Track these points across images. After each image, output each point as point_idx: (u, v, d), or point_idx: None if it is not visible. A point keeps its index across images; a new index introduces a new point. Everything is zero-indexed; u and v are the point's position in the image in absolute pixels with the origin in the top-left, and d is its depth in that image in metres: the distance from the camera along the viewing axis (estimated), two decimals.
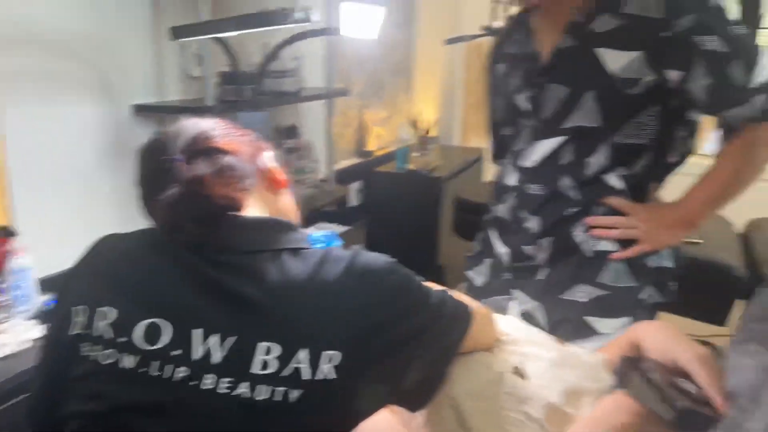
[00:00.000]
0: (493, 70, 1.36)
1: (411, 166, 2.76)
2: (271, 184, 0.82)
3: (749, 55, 1.03)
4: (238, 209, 0.73)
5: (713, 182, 1.12)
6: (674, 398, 0.72)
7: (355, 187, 2.79)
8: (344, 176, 2.69)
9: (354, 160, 2.88)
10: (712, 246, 1.97)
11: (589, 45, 1.12)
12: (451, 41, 3.11)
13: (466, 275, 1.40)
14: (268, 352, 0.64)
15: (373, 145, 2.99)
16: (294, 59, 2.03)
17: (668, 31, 1.04)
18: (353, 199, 2.78)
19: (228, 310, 0.66)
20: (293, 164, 2.20)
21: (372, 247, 0.73)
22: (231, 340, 0.65)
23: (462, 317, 0.79)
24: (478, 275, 1.37)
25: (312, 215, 2.19)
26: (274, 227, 0.74)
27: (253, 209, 0.76)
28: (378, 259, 0.71)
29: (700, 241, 1.94)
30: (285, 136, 2.21)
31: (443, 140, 3.63)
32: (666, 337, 0.81)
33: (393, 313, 0.69)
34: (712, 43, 1.02)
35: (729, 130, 1.10)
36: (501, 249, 1.30)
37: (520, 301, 1.25)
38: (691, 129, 1.18)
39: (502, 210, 1.29)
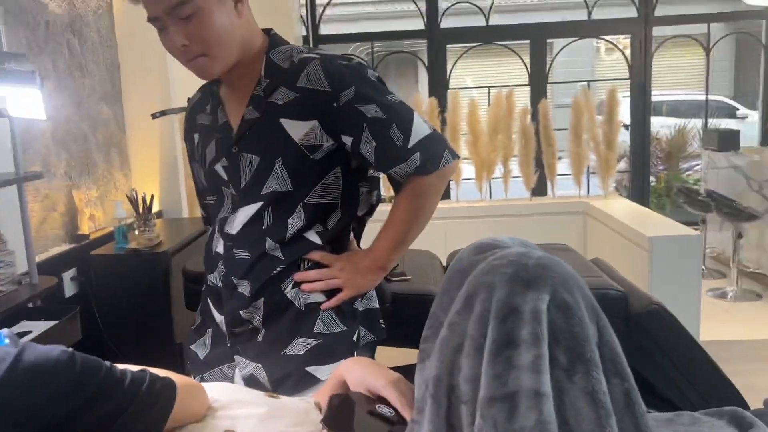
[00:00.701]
0: (189, 140, 1.39)
1: (133, 245, 2.62)
2: None
3: (404, 119, 1.21)
4: None
5: (393, 230, 1.28)
6: (375, 424, 0.80)
7: (69, 275, 2.55)
8: (55, 265, 2.44)
9: (65, 246, 2.63)
10: (421, 280, 2.23)
11: (272, 116, 1.22)
12: (157, 115, 3.08)
13: (190, 350, 1.38)
14: None
15: (87, 227, 2.77)
16: None
17: (336, 102, 1.18)
18: (68, 288, 2.53)
19: None
20: None
21: (105, 334, 0.67)
22: None
23: (163, 393, 0.78)
24: (202, 348, 1.35)
25: (13, 314, 1.93)
26: None
27: None
28: (50, 352, 0.67)
29: (409, 277, 2.18)
30: None
31: (168, 213, 3.52)
32: (363, 370, 0.90)
33: (75, 404, 0.65)
34: (372, 110, 1.19)
35: (397, 183, 1.27)
36: (219, 317, 1.31)
37: (242, 366, 1.27)
38: (372, 184, 1.34)
39: (214, 278, 1.31)
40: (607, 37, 7.27)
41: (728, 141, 5.19)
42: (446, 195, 5.06)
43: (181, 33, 1.14)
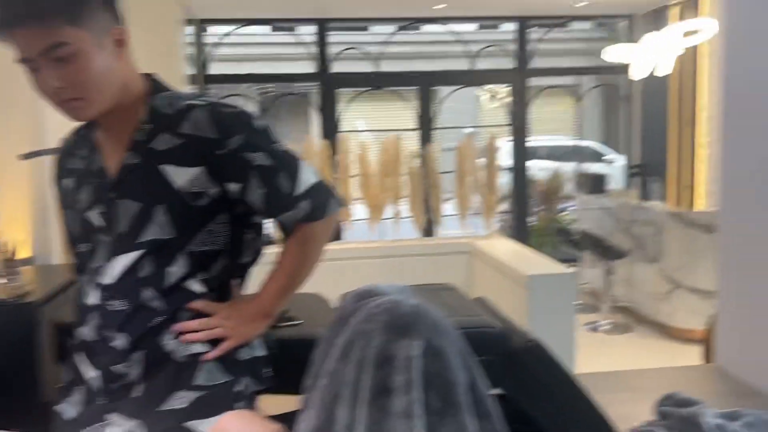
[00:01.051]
0: (60, 185, 1.32)
1: None
2: None
3: (292, 167, 1.23)
4: None
5: (280, 276, 1.27)
6: None
7: None
8: None
9: None
10: (310, 323, 2.22)
11: (153, 162, 1.19)
12: (28, 156, 2.89)
13: (56, 410, 1.28)
14: None
15: None
16: None
17: (223, 149, 1.18)
18: None
19: None
20: None
21: None
22: None
23: None
24: (70, 407, 1.26)
25: None
26: None
27: None
28: None
29: (300, 321, 2.16)
30: None
31: (40, 260, 3.27)
32: (241, 424, 0.88)
33: None
34: (259, 158, 1.20)
35: (286, 230, 1.27)
36: (91, 373, 1.23)
37: (117, 424, 1.19)
38: (258, 231, 1.34)
39: (86, 332, 1.23)
40: (488, 86, 7.77)
41: (597, 184, 5.64)
42: (337, 236, 5.09)
43: (55, 75, 1.10)
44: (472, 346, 2.07)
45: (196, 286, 1.23)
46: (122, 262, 1.20)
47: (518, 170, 7.07)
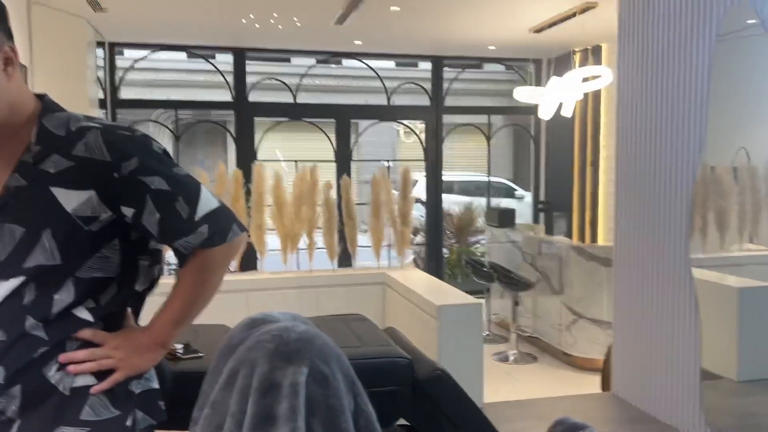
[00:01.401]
0: None
1: None
2: None
3: (191, 192, 1.20)
4: None
5: (175, 304, 1.23)
6: None
7: None
8: None
9: None
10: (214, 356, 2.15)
11: (41, 184, 1.14)
12: None
13: None
14: None
15: None
16: None
17: (117, 173, 1.14)
18: None
19: None
20: None
21: None
22: None
23: None
24: None
25: None
26: None
27: None
28: None
29: (201, 354, 2.09)
30: None
31: None
32: None
33: None
34: (156, 182, 1.17)
35: (182, 256, 1.24)
36: None
37: None
38: (154, 257, 1.29)
39: None
40: (405, 122, 7.95)
41: (506, 218, 5.85)
42: (251, 266, 5.00)
43: None
44: (379, 376, 2.08)
45: (84, 314, 1.17)
46: (3, 288, 1.12)
47: (433, 204, 7.24)
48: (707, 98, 2.67)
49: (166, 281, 1.27)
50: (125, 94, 6.77)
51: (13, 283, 1.12)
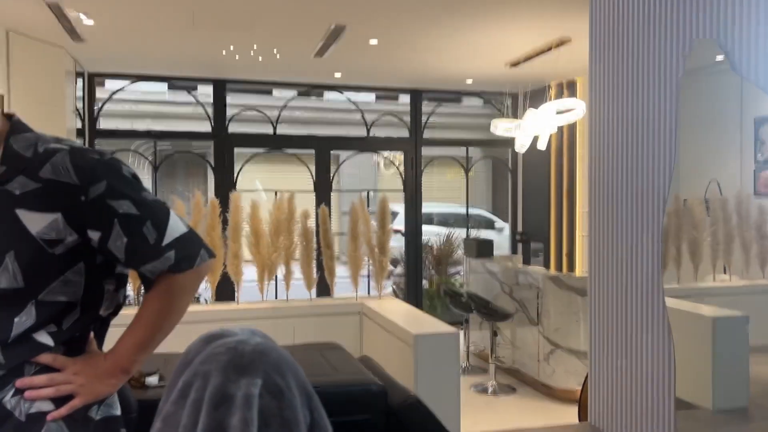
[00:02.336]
0: None
1: None
2: None
3: (159, 216, 1.19)
4: None
5: (139, 329, 1.21)
6: None
7: None
8: None
9: None
10: None
11: (5, 206, 1.12)
12: None
13: None
14: None
15: None
16: None
17: (84, 196, 1.13)
18: None
19: None
20: None
21: None
22: None
23: None
24: None
25: None
26: None
27: None
28: None
29: (163, 384, 2.06)
30: None
31: None
32: None
33: None
34: (125, 206, 1.16)
35: (148, 281, 1.23)
36: None
37: None
38: (120, 282, 1.28)
39: None
40: (384, 153, 8.01)
41: (484, 249, 5.88)
42: (228, 296, 4.95)
43: None
44: (352, 403, 2.06)
45: (44, 338, 1.15)
46: None
47: (412, 234, 7.26)
48: (676, 131, 2.74)
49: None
50: (105, 124, 6.75)
51: None
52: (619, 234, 3.06)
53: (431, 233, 8.40)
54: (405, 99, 7.59)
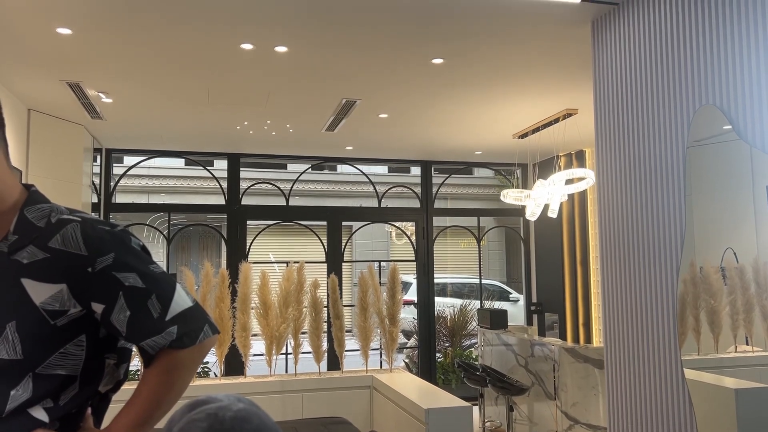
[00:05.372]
0: None
1: None
2: None
3: (164, 290, 1.18)
4: None
5: (138, 406, 1.17)
6: None
7: None
8: None
9: None
10: None
11: (12, 275, 1.12)
12: None
13: None
14: None
15: None
16: None
17: (91, 267, 1.13)
18: None
19: None
20: None
21: None
22: None
23: None
24: None
25: None
26: None
27: None
28: None
29: None
30: None
31: None
32: None
33: None
34: (131, 279, 1.15)
35: (148, 356, 1.20)
36: None
37: None
38: (121, 357, 1.25)
39: None
40: (396, 223, 8.04)
41: (498, 320, 5.77)
42: (237, 370, 4.86)
43: None
44: None
45: (39, 414, 1.11)
46: None
47: (424, 305, 7.17)
48: (684, 199, 2.73)
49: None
50: (121, 199, 6.88)
51: None
52: (632, 304, 3.00)
53: (445, 304, 8.30)
54: (415, 170, 7.68)
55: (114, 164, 6.70)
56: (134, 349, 1.27)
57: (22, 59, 3.78)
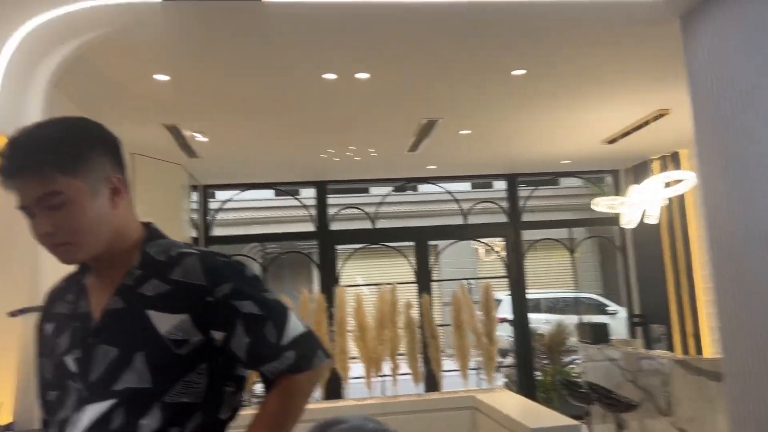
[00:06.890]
0: (42, 330, 1.30)
1: None
2: None
3: (280, 316, 1.22)
4: None
5: (262, 429, 1.20)
6: None
7: None
8: None
9: None
10: None
11: (139, 307, 1.18)
12: (16, 313, 2.89)
13: None
14: None
15: None
16: None
17: (211, 296, 1.18)
18: None
19: None
20: None
21: None
22: None
23: None
24: None
25: None
26: None
27: None
28: None
29: None
30: None
31: (22, 425, 3.13)
32: None
33: None
34: (248, 306, 1.20)
35: (268, 382, 1.23)
36: None
37: None
38: (239, 384, 1.28)
39: None
40: (484, 240, 7.93)
41: (599, 334, 5.54)
42: (336, 394, 4.91)
43: (47, 221, 1.14)
44: None
45: None
46: (93, 412, 1.14)
47: (520, 323, 6.99)
48: None
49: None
50: (217, 232, 7.20)
51: (104, 405, 1.14)
52: (752, 310, 2.79)
53: (539, 320, 8.06)
54: (500, 185, 7.57)
55: (208, 199, 7.02)
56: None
57: (125, 107, 4.06)
